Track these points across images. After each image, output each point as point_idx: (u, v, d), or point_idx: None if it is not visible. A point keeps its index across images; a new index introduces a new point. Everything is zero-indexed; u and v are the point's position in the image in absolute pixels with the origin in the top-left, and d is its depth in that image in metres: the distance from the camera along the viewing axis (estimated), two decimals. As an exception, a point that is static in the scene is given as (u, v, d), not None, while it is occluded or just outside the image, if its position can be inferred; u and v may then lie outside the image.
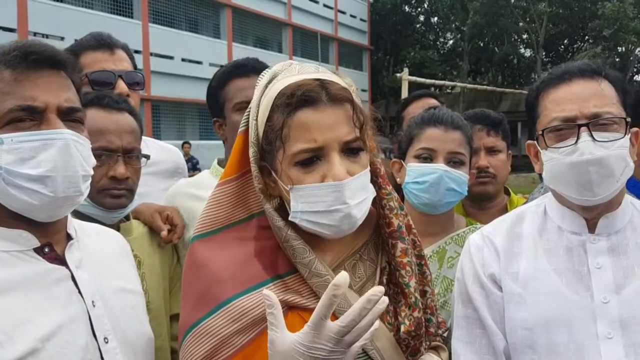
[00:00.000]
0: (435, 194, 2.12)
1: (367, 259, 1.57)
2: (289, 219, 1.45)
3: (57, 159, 1.31)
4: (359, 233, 1.56)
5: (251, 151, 1.48)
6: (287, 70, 1.49)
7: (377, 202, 1.57)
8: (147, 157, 2.08)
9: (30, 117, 1.31)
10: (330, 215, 1.40)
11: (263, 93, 1.48)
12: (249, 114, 1.52)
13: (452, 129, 2.16)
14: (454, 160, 2.15)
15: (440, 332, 1.69)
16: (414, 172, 2.16)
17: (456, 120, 2.20)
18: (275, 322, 1.25)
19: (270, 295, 1.26)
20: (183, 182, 2.48)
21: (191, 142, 20.76)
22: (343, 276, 1.20)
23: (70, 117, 1.37)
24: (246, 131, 1.52)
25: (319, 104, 1.40)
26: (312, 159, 1.40)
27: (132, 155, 1.98)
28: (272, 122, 1.43)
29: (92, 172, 1.41)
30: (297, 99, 1.39)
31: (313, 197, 1.40)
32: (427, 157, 2.15)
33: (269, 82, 1.49)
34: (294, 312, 1.44)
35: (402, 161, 2.25)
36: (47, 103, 1.32)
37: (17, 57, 1.31)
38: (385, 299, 1.22)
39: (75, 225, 1.53)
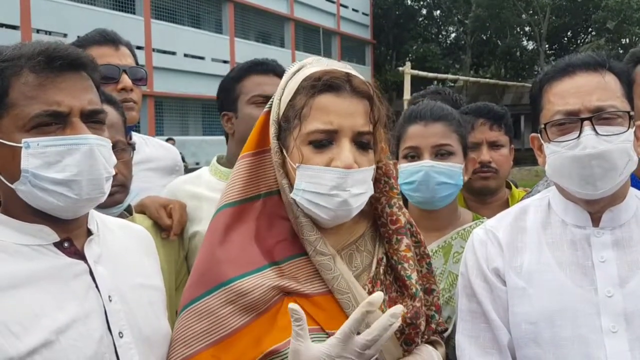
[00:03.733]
0: (427, 191, 2.10)
1: (364, 250, 1.61)
2: (291, 195, 1.52)
3: (82, 163, 1.34)
4: (356, 225, 1.63)
5: (272, 129, 1.56)
6: (317, 63, 1.58)
7: (384, 201, 1.64)
8: (133, 146, 2.07)
9: (55, 121, 1.34)
10: (330, 199, 1.47)
11: (291, 78, 1.57)
12: (273, 99, 1.60)
13: (432, 121, 2.13)
14: (440, 153, 2.11)
15: (439, 329, 1.71)
16: (403, 172, 2.13)
17: (436, 111, 2.15)
18: (302, 334, 1.32)
19: (298, 310, 1.32)
20: (181, 180, 2.46)
21: (194, 137, 20.79)
22: (379, 296, 1.32)
23: (92, 119, 1.40)
24: (269, 112, 1.60)
25: (342, 92, 1.50)
26: (324, 142, 1.48)
27: (116, 149, 1.92)
28: (294, 101, 1.52)
29: (113, 172, 1.45)
30: (322, 82, 1.49)
31: (317, 179, 1.47)
32: (414, 155, 2.13)
33: (298, 70, 1.58)
34: (290, 297, 1.48)
35: (396, 162, 2.22)
36: (71, 107, 1.35)
37: (42, 62, 1.34)
38: (400, 310, 1.34)
39: (97, 220, 1.56)
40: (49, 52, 1.35)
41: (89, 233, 1.49)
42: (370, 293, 1.53)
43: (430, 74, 22.18)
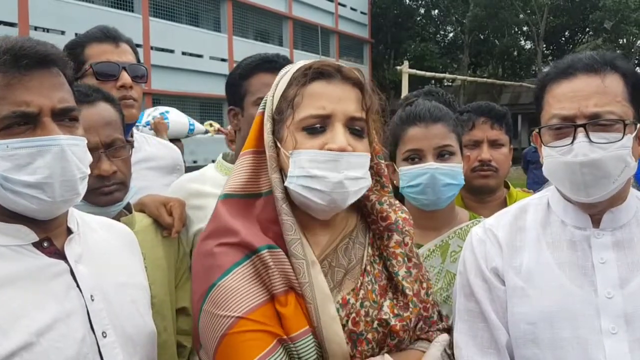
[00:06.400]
0: (433, 193, 2.10)
1: (357, 242, 1.63)
2: (285, 184, 1.52)
3: (53, 165, 1.31)
4: (349, 216, 1.65)
5: (267, 125, 1.57)
6: (311, 60, 1.59)
7: (374, 199, 1.66)
8: (131, 143, 2.07)
9: (25, 122, 1.31)
10: (324, 181, 1.46)
11: (284, 75, 1.59)
12: (266, 98, 1.61)
13: (432, 123, 2.12)
14: (442, 154, 2.11)
15: (442, 325, 1.70)
16: (406, 175, 2.12)
17: (435, 112, 2.14)
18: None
19: None
20: (185, 178, 2.46)
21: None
22: None
23: (64, 117, 1.37)
24: (263, 112, 1.60)
25: (333, 79, 1.53)
26: (317, 127, 1.49)
27: (114, 147, 1.94)
28: (287, 93, 1.54)
29: (89, 171, 1.42)
30: (313, 71, 1.52)
31: (311, 163, 1.47)
32: (415, 157, 2.12)
33: (292, 68, 1.59)
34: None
35: (394, 164, 2.20)
36: (40, 107, 1.32)
37: (8, 61, 1.30)
38: None
39: (78, 219, 1.54)
40: (15, 50, 1.31)
41: (69, 232, 1.48)
42: (361, 285, 1.55)
43: (428, 73, 22.11)
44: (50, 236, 1.42)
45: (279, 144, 1.54)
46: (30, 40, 1.37)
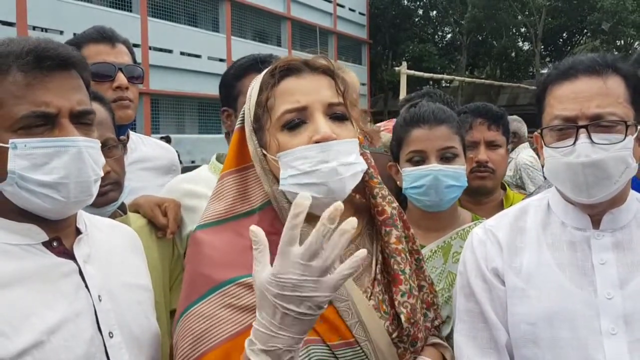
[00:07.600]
0: (435, 194, 2.11)
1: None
2: (279, 187, 1.48)
3: (70, 166, 1.32)
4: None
5: (253, 138, 1.52)
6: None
7: (368, 192, 1.62)
8: (124, 142, 2.05)
9: (44, 122, 1.32)
10: (317, 173, 1.42)
11: (254, 84, 1.56)
12: (244, 114, 1.57)
13: (436, 124, 2.13)
14: (446, 156, 2.12)
15: (436, 322, 1.70)
16: (409, 177, 2.13)
17: (439, 114, 2.16)
18: (260, 259, 1.19)
19: (257, 232, 1.20)
20: (179, 179, 2.45)
21: (190, 135, 20.70)
22: (304, 196, 1.14)
23: (81, 119, 1.38)
24: (241, 129, 1.56)
25: (302, 72, 1.49)
26: (297, 122, 1.45)
27: (107, 147, 1.93)
28: (260, 99, 1.50)
29: (102, 173, 1.43)
30: (279, 70, 1.48)
31: (300, 161, 1.43)
32: (419, 159, 2.13)
33: (260, 75, 1.56)
34: None
35: (397, 164, 2.22)
36: (60, 108, 1.33)
37: (31, 62, 1.31)
38: (355, 222, 1.14)
39: (85, 220, 1.54)
40: (38, 51, 1.32)
41: (78, 232, 1.48)
42: (371, 295, 1.51)
43: (426, 74, 22.09)
44: (59, 236, 1.42)
45: (265, 152, 1.50)
46: (52, 42, 1.38)
